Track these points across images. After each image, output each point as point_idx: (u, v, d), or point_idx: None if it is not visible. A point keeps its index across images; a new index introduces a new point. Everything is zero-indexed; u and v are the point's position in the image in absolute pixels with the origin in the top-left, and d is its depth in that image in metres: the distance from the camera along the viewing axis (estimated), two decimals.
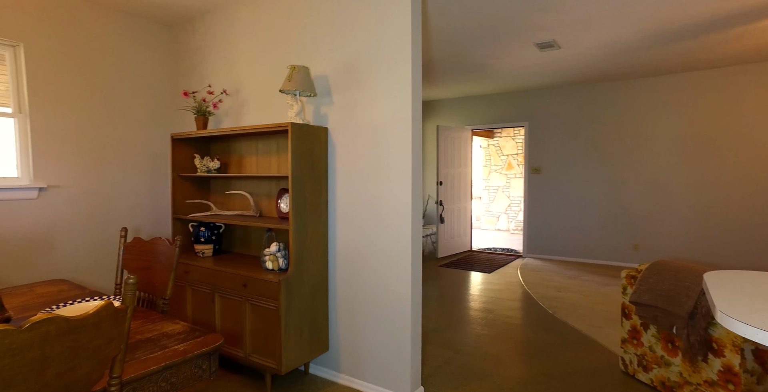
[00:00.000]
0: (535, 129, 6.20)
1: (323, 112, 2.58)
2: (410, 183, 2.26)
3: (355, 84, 2.44)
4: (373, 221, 2.40)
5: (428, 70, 5.04)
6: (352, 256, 2.48)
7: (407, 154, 2.27)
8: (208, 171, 2.87)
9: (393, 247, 2.33)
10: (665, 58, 4.46)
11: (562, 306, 3.97)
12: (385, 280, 2.37)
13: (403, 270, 2.29)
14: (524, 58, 4.47)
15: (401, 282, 2.30)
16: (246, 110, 2.95)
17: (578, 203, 5.88)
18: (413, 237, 2.29)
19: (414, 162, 2.28)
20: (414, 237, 2.30)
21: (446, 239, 6.29)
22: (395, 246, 2.32)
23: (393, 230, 2.33)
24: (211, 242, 2.79)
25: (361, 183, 2.44)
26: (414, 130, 2.28)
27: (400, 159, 2.29)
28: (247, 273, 2.37)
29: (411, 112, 2.25)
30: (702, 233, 5.10)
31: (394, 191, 2.32)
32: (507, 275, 5.17)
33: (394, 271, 2.33)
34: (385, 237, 2.36)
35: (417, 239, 2.33)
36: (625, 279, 2.53)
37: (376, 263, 2.40)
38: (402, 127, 2.28)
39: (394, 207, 2.32)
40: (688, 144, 5.17)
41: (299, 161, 2.33)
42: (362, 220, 2.44)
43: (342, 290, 2.53)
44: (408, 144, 2.26)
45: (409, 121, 2.25)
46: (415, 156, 2.30)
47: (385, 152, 2.35)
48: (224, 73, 3.06)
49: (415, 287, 2.32)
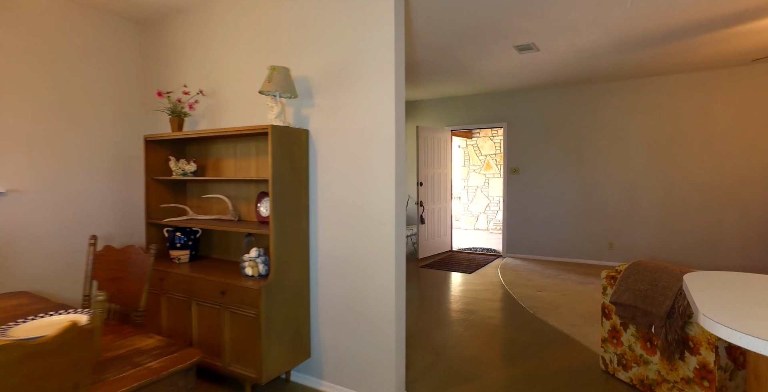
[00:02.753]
0: (513, 130, 6.28)
1: (304, 114, 2.52)
2: (393, 187, 2.24)
3: (338, 86, 2.39)
4: (355, 226, 2.36)
5: (409, 72, 5.03)
6: (335, 261, 2.44)
7: (390, 158, 2.24)
8: (184, 174, 2.78)
9: (376, 251, 2.30)
10: (638, 63, 4.58)
11: (542, 305, 4.03)
12: (368, 285, 2.33)
13: (387, 275, 2.26)
14: (504, 61, 4.51)
15: (385, 287, 2.27)
16: (223, 112, 2.86)
17: (555, 203, 5.99)
18: (397, 241, 2.26)
19: (397, 166, 2.26)
20: (398, 241, 2.27)
21: (427, 240, 6.30)
22: (378, 251, 2.29)
23: (376, 234, 2.30)
24: (188, 248, 2.70)
25: (343, 187, 2.40)
26: (398, 134, 2.25)
27: (384, 163, 2.26)
28: (225, 280, 2.30)
29: (394, 115, 2.22)
30: (672, 232, 5.27)
31: (377, 196, 2.29)
32: (487, 276, 5.22)
33: (378, 276, 2.30)
34: (368, 242, 2.33)
35: (401, 244, 2.31)
36: (605, 280, 2.58)
37: (359, 268, 2.36)
38: (385, 130, 2.25)
39: (377, 211, 2.29)
40: (660, 146, 5.33)
41: (279, 164, 2.27)
42: (344, 224, 2.40)
43: (324, 295, 2.48)
44: (391, 148, 2.23)
45: (392, 124, 2.23)
46: (399, 160, 2.27)
47: (367, 156, 2.32)
48: (201, 73, 2.96)
49: (399, 292, 2.30)
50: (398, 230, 2.28)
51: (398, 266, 2.28)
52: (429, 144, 6.33)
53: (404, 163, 2.30)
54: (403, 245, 2.34)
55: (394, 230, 2.24)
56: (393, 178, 2.23)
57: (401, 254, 2.32)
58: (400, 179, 2.29)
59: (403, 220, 2.34)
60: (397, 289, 2.28)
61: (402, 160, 2.32)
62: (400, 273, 2.31)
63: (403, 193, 2.35)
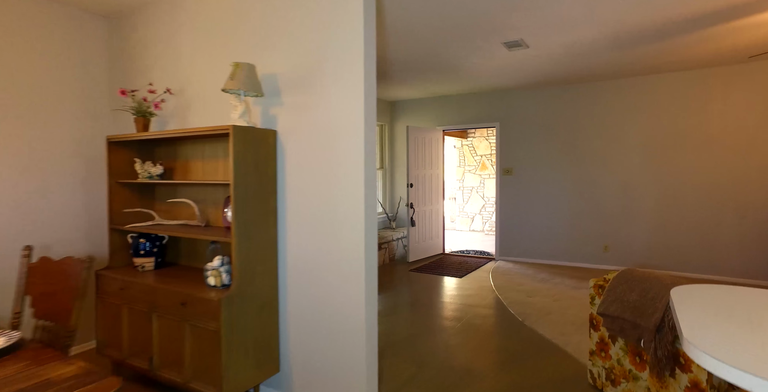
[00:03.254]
0: (506, 130, 6.13)
1: (272, 113, 2.38)
2: (362, 191, 2.09)
3: (306, 84, 2.25)
4: (325, 231, 2.22)
5: (398, 70, 4.89)
6: (305, 269, 2.29)
7: (359, 159, 2.09)
8: (150, 177, 2.63)
9: (345, 259, 2.15)
10: (632, 60, 4.43)
11: (533, 312, 3.88)
12: (337, 294, 2.19)
13: (356, 284, 2.12)
14: (493, 58, 4.37)
15: (354, 297, 2.13)
16: (192, 111, 2.72)
17: (549, 205, 5.84)
18: (367, 248, 2.12)
19: (367, 168, 2.11)
20: (368, 249, 2.13)
21: (417, 243, 6.16)
22: (348, 258, 2.15)
23: (345, 241, 2.15)
24: (153, 255, 2.55)
25: (313, 190, 2.25)
26: (367, 133, 2.10)
27: (352, 165, 2.12)
28: (186, 290, 2.15)
29: (363, 114, 2.08)
30: (668, 234, 5.12)
31: (347, 199, 2.14)
32: (478, 280, 5.07)
33: (347, 285, 2.15)
34: (337, 249, 2.18)
35: (371, 251, 2.16)
36: (593, 289, 2.43)
37: (328, 276, 2.22)
38: (354, 130, 2.11)
39: (346, 216, 2.15)
40: (656, 146, 5.18)
41: (243, 166, 2.12)
42: (314, 230, 2.25)
43: (294, 305, 2.33)
44: (360, 149, 2.09)
45: (361, 124, 2.08)
46: (369, 161, 2.12)
47: (336, 157, 2.17)
48: (168, 70, 2.82)
49: (370, 302, 2.15)
50: (369, 237, 2.13)
51: (368, 275, 2.13)
52: (420, 144, 6.18)
53: (376, 165, 2.16)
54: (373, 253, 2.19)
55: (364, 237, 2.09)
56: (362, 181, 2.09)
57: (372, 261, 2.17)
58: (370, 182, 2.14)
59: (374, 226, 2.19)
60: (368, 299, 2.13)
61: (372, 161, 2.18)
62: (371, 282, 2.16)
63: (374, 196, 2.20)
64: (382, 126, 7.05)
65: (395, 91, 6.28)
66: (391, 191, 7.12)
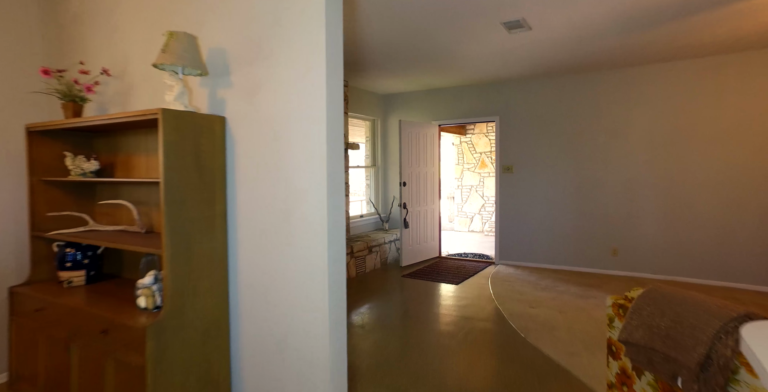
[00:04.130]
0: (506, 124, 5.71)
1: (220, 96, 1.96)
2: (325, 190, 1.67)
3: (259, 59, 1.83)
4: (284, 240, 1.80)
5: (386, 59, 4.46)
6: (261, 284, 1.87)
7: (321, 151, 1.67)
8: (84, 174, 2.21)
9: (306, 274, 1.74)
10: (642, 45, 4.00)
11: (535, 326, 3.46)
12: (298, 316, 1.77)
13: (319, 304, 1.70)
14: (492, 43, 3.94)
15: (317, 319, 1.71)
16: (135, 96, 2.30)
17: (552, 204, 5.42)
18: (331, 261, 1.70)
19: (331, 162, 1.69)
20: (333, 261, 1.71)
21: (411, 246, 5.73)
22: (309, 273, 1.73)
23: (305, 251, 1.73)
24: (83, 268, 2.13)
25: (269, 189, 1.83)
26: (331, 120, 1.68)
27: (314, 158, 1.70)
28: (109, 314, 1.73)
29: (325, 95, 1.66)
30: (681, 237, 4.69)
31: (307, 201, 1.72)
32: (477, 287, 4.65)
33: (309, 305, 1.73)
34: (297, 261, 1.76)
35: (337, 264, 1.74)
36: (611, 308, 2.01)
37: (288, 294, 1.80)
38: (315, 116, 1.69)
39: (306, 222, 1.73)
40: (668, 140, 4.75)
41: (178, 160, 1.70)
42: (272, 237, 1.83)
43: (249, 330, 1.92)
44: (322, 138, 1.67)
45: (323, 108, 1.66)
46: (333, 154, 1.70)
47: (293, 149, 1.75)
48: (108, 49, 2.39)
49: (336, 326, 1.74)
50: (333, 247, 1.71)
51: (334, 294, 1.72)
52: (414, 140, 5.76)
53: (342, 158, 1.74)
54: (341, 266, 1.77)
55: (327, 247, 1.67)
56: (324, 177, 1.67)
57: (337, 277, 1.75)
58: (335, 180, 1.72)
59: (342, 233, 1.77)
60: (333, 322, 1.71)
61: (338, 155, 1.75)
62: (337, 302, 1.74)
63: (342, 197, 1.78)
64: (375, 121, 6.63)
65: (387, 85, 5.86)
66: (384, 190, 6.70)
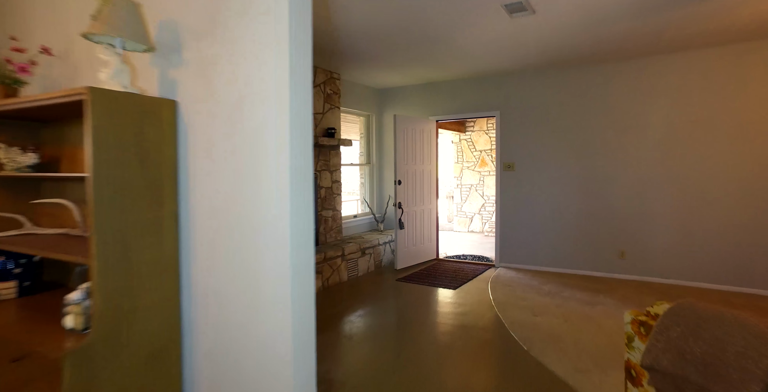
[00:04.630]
0: (507, 119, 5.41)
1: (172, 77, 1.67)
2: (288, 187, 1.38)
3: (214, 33, 1.54)
4: (245, 244, 1.51)
5: (382, 48, 4.17)
6: (218, 300, 1.58)
7: (284, 140, 1.38)
8: (19, 169, 1.92)
9: (266, 286, 1.45)
10: (656, 31, 3.70)
11: (539, 336, 3.16)
12: (259, 336, 1.48)
13: (282, 322, 1.41)
14: (492, 29, 3.64)
15: (280, 340, 1.42)
16: (81, 79, 2.00)
17: (556, 204, 5.12)
18: (295, 270, 1.41)
19: (295, 154, 1.40)
20: (298, 271, 1.42)
21: (407, 247, 5.44)
22: (269, 285, 1.44)
23: (265, 260, 1.45)
24: (14, 278, 1.84)
25: (227, 186, 1.55)
26: (296, 105, 1.40)
27: (276, 149, 1.41)
28: (25, 338, 1.44)
29: (288, 74, 1.37)
30: (696, 239, 4.40)
31: (269, 199, 1.43)
32: (475, 292, 4.36)
33: (271, 322, 1.45)
34: (255, 271, 1.47)
35: (303, 274, 1.45)
36: (630, 326, 1.71)
37: (247, 310, 1.51)
38: (277, 100, 1.40)
39: (268, 223, 1.44)
40: (683, 135, 4.45)
41: (113, 151, 1.41)
42: (231, 242, 1.54)
43: (205, 348, 1.63)
44: (284, 127, 1.38)
45: (285, 92, 1.37)
46: (298, 145, 1.41)
47: (253, 139, 1.46)
48: (49, 24, 2.10)
49: (303, 348, 1.45)
50: (298, 253, 1.42)
51: (298, 310, 1.43)
52: (410, 136, 5.46)
53: (311, 149, 1.45)
54: (308, 276, 1.48)
55: (289, 254, 1.39)
56: (287, 172, 1.38)
57: (303, 288, 1.46)
58: (300, 176, 1.43)
59: (308, 237, 1.48)
60: (299, 340, 1.42)
61: (305, 146, 1.46)
62: (304, 319, 1.45)
63: (310, 197, 1.49)
64: (369, 117, 6.34)
65: (382, 78, 5.56)
66: (379, 189, 6.41)
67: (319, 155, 4.99)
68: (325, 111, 5.11)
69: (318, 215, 4.97)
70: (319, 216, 4.99)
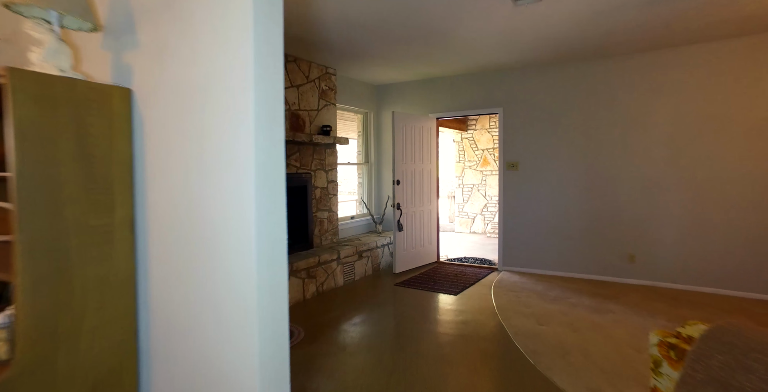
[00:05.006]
0: (510, 117, 5.17)
1: (126, 62, 1.44)
2: (253, 187, 1.15)
3: (172, 9, 1.31)
4: (208, 258, 1.29)
5: (378, 40, 3.94)
6: (184, 320, 1.36)
7: (248, 133, 1.16)
8: None
9: (227, 305, 1.22)
10: (668, 21, 3.46)
11: (546, 348, 2.93)
12: (221, 363, 1.26)
13: (247, 349, 1.18)
14: (495, 19, 3.41)
15: (245, 372, 1.20)
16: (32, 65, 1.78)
17: (562, 205, 4.88)
18: (261, 289, 1.18)
19: (261, 147, 1.17)
20: (263, 287, 1.19)
21: (405, 250, 5.21)
22: (230, 304, 1.21)
23: (225, 275, 1.22)
24: None
25: (188, 188, 1.32)
26: (261, 91, 1.17)
27: (238, 143, 1.18)
28: None
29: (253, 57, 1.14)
30: (709, 242, 4.15)
31: (230, 205, 1.21)
32: (478, 298, 4.13)
33: (234, 348, 1.22)
34: (215, 287, 1.25)
35: (271, 291, 1.22)
36: (657, 348, 1.48)
37: (206, 332, 1.29)
38: (241, 86, 1.17)
39: (230, 234, 1.21)
40: (695, 133, 4.20)
41: (45, 146, 1.19)
42: (194, 254, 1.32)
43: (165, 377, 1.40)
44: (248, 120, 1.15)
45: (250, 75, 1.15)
46: (264, 138, 1.19)
47: (216, 131, 1.24)
48: None
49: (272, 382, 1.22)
50: (267, 268, 1.19)
51: (265, 336, 1.20)
52: (409, 134, 5.23)
53: (282, 146, 1.22)
54: (278, 294, 1.25)
55: (255, 269, 1.16)
56: (252, 171, 1.15)
57: (271, 310, 1.23)
58: (268, 175, 1.21)
59: (279, 249, 1.25)
60: (266, 378, 1.20)
61: (276, 141, 1.24)
62: (271, 348, 1.23)
63: (282, 200, 1.27)
64: (367, 114, 6.11)
65: (380, 74, 5.33)
66: (378, 189, 6.18)
67: (313, 154, 4.76)
68: (320, 108, 4.88)
69: (313, 216, 4.75)
70: (313, 218, 4.76)
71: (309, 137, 4.36)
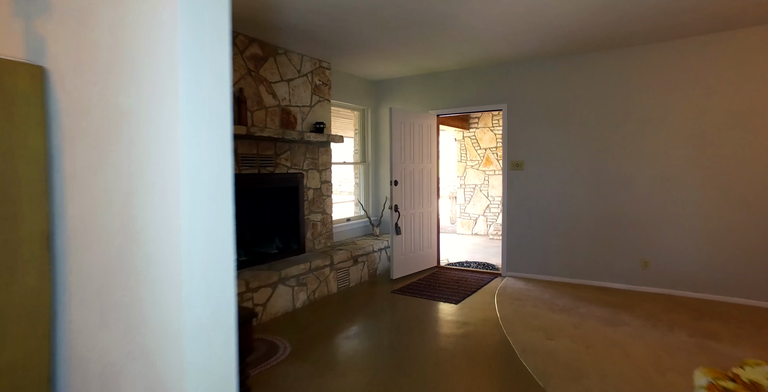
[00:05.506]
0: (515, 113, 4.86)
1: (42, 34, 1.15)
2: (178, 191, 0.86)
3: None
4: (135, 284, 1.00)
5: (373, 29, 3.64)
6: (109, 367, 1.07)
7: (174, 121, 0.87)
8: None
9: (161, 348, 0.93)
10: (688, 7, 3.15)
11: (556, 368, 2.63)
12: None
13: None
14: (498, 4, 3.11)
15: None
16: None
17: (570, 206, 4.57)
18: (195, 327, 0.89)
19: (193, 142, 0.88)
20: (198, 326, 0.90)
21: (404, 255, 4.91)
22: (164, 348, 0.92)
23: (165, 304, 0.93)
24: None
25: (114, 193, 1.03)
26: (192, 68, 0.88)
27: (167, 136, 0.89)
28: None
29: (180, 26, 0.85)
30: (730, 247, 3.84)
31: (159, 216, 0.92)
32: (480, 307, 3.83)
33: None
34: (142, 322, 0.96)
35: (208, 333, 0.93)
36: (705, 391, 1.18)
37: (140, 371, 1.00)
38: (169, 62, 0.88)
39: (151, 250, 0.92)
40: (716, 128, 3.89)
41: None
42: (119, 278, 1.03)
43: None
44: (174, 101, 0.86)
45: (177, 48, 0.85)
46: (198, 129, 0.90)
47: (144, 119, 0.95)
48: None
49: None
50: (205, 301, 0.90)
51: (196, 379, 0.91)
52: (408, 132, 4.94)
53: (230, 143, 0.92)
54: (221, 337, 0.96)
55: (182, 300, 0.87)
56: (179, 171, 0.86)
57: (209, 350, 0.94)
58: (204, 177, 0.92)
59: (226, 273, 0.96)
60: None
61: (221, 133, 0.95)
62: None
63: (230, 206, 0.97)
64: (364, 111, 5.81)
65: (378, 68, 5.03)
66: (375, 189, 5.89)
67: (306, 153, 4.47)
68: (313, 104, 4.59)
69: (305, 219, 4.46)
70: (305, 220, 4.47)
71: (300, 135, 4.06)
